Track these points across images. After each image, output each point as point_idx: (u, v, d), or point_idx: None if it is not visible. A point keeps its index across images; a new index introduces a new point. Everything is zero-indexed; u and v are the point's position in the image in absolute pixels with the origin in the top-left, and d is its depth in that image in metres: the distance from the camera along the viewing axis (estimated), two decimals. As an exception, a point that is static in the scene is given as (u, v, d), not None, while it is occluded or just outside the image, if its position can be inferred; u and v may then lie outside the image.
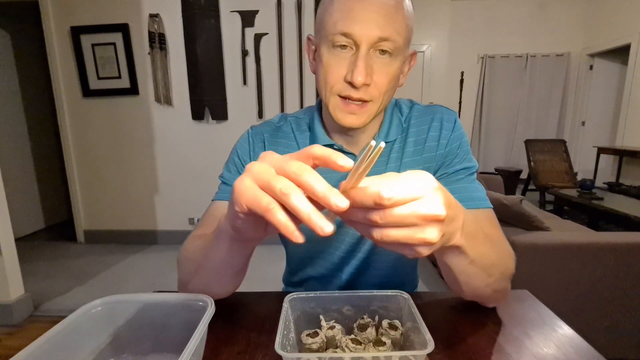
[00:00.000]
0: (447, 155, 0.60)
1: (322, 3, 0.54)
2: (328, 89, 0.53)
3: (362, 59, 0.48)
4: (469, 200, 0.56)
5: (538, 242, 1.32)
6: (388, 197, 0.26)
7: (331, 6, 0.50)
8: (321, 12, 0.53)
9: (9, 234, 1.72)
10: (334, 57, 0.51)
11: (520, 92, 4.75)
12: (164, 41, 2.62)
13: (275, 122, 0.67)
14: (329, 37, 0.50)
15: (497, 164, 4.82)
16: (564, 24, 4.54)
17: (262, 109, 2.69)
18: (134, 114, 2.76)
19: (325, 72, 0.52)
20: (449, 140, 0.60)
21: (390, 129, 0.62)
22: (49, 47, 2.66)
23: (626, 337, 1.36)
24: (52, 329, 0.36)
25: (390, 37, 0.48)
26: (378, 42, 0.48)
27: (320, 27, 0.53)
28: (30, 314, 1.84)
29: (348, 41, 0.49)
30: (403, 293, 0.45)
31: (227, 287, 0.52)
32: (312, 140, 0.63)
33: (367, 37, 0.48)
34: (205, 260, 0.47)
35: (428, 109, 0.64)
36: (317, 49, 0.54)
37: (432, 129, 0.61)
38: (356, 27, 0.48)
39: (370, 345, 0.43)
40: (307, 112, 0.67)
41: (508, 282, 0.51)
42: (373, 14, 0.47)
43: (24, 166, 3.17)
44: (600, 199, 2.64)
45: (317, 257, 0.69)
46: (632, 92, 3.90)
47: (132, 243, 2.90)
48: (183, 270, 0.54)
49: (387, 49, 0.49)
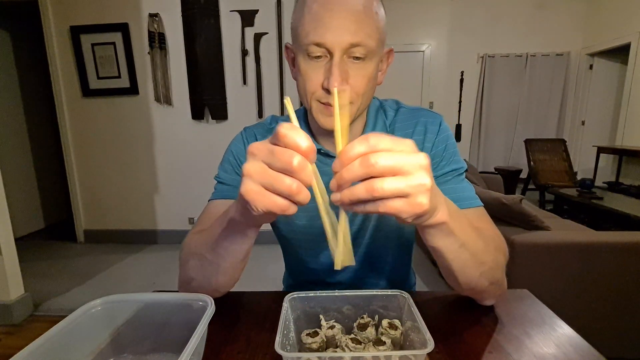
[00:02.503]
0: (433, 158, 0.61)
1: (294, 13, 0.54)
2: (309, 97, 0.54)
3: (336, 66, 0.50)
4: (459, 201, 0.57)
5: (538, 242, 1.32)
6: (374, 140, 0.30)
7: (302, 17, 0.51)
8: (294, 23, 0.53)
9: (9, 234, 1.72)
10: (310, 67, 0.52)
11: (520, 92, 4.75)
12: (164, 41, 2.62)
13: (267, 123, 0.68)
14: (303, 47, 0.51)
15: (497, 163, 4.82)
16: (564, 23, 4.53)
17: (262, 109, 2.69)
18: (133, 113, 2.76)
19: (304, 81, 0.53)
20: (434, 144, 0.62)
21: (375, 131, 0.62)
22: (48, 46, 2.66)
23: (626, 337, 1.36)
24: (52, 329, 0.36)
25: (362, 42, 0.49)
26: (350, 48, 0.49)
27: (295, 37, 0.54)
28: (30, 313, 1.84)
29: (322, 50, 0.50)
30: (403, 292, 0.45)
31: (234, 276, 0.53)
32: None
33: (339, 44, 0.49)
34: (213, 251, 0.48)
35: (413, 112, 0.65)
36: (295, 57, 0.55)
37: (417, 133, 0.62)
38: (327, 35, 0.49)
39: (370, 344, 0.43)
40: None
41: (502, 274, 0.52)
42: (343, 21, 0.48)
43: (24, 166, 3.17)
44: (600, 198, 2.64)
45: (313, 261, 0.69)
46: (632, 92, 3.90)
47: (132, 243, 2.90)
48: (187, 267, 0.54)
49: (359, 55, 0.50)
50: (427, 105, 4.70)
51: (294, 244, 0.69)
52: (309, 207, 0.63)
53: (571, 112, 4.78)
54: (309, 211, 0.64)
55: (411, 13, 4.47)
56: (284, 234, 0.69)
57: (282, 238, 0.71)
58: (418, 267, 2.34)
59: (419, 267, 2.34)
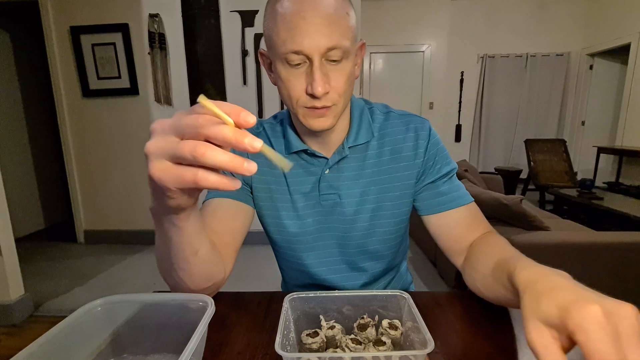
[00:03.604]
0: (427, 163, 0.64)
1: (266, 21, 0.54)
2: (294, 103, 0.55)
3: (317, 71, 0.50)
4: (456, 199, 0.64)
5: (538, 242, 1.32)
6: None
7: (276, 26, 0.51)
8: (268, 31, 0.53)
9: (9, 234, 1.72)
10: (291, 74, 0.53)
11: (520, 92, 4.75)
12: (164, 41, 2.62)
13: (254, 128, 0.68)
14: (281, 55, 0.51)
15: (497, 163, 4.82)
16: (564, 23, 4.54)
17: (262, 109, 2.69)
18: (133, 114, 2.76)
19: (286, 88, 0.54)
20: (426, 149, 0.64)
21: (360, 131, 0.64)
22: (48, 47, 2.66)
23: (626, 336, 1.36)
24: (52, 329, 0.36)
25: (338, 44, 0.50)
26: (327, 52, 0.50)
27: (270, 45, 0.54)
28: (30, 314, 1.84)
29: (300, 57, 0.51)
30: (403, 293, 0.45)
31: (203, 273, 0.49)
32: (287, 147, 0.65)
33: (317, 49, 0.49)
34: (162, 252, 0.45)
35: (402, 118, 0.66)
36: (273, 63, 0.56)
37: (408, 139, 0.64)
38: (305, 42, 0.49)
39: (370, 345, 0.43)
40: (278, 119, 0.70)
41: None
42: (317, 27, 0.49)
43: (24, 166, 3.17)
44: (600, 198, 2.64)
45: (305, 269, 0.69)
46: (632, 92, 3.90)
47: (132, 243, 2.90)
48: (162, 273, 0.51)
49: (336, 58, 0.51)
50: (427, 105, 4.70)
51: (286, 250, 0.69)
52: (299, 215, 0.65)
53: (571, 112, 4.78)
54: (300, 218, 0.66)
55: (411, 13, 4.47)
56: (276, 240, 0.70)
57: (274, 244, 0.72)
58: (418, 267, 2.35)
59: (419, 267, 2.34)
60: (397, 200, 0.65)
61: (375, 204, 0.65)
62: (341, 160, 0.63)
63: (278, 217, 0.67)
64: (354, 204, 0.65)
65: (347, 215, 0.65)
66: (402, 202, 0.66)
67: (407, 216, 0.69)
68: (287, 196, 0.66)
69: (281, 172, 0.65)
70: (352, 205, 0.65)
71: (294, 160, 0.65)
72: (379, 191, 0.65)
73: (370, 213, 0.65)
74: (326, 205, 0.65)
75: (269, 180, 0.66)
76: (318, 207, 0.65)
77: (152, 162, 0.29)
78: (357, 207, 0.65)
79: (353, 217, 0.65)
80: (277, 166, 0.30)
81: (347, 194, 0.64)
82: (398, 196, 0.65)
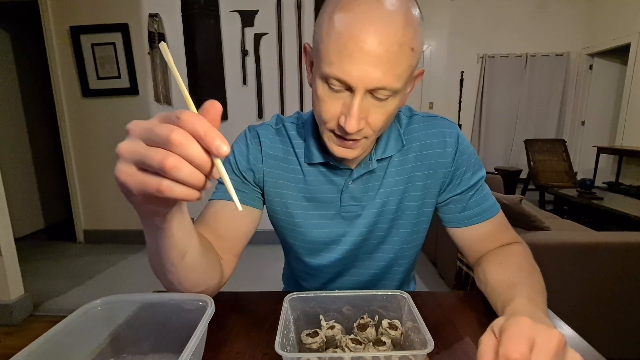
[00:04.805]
0: (456, 170, 0.61)
1: (318, 26, 0.47)
2: (322, 124, 0.51)
3: (356, 106, 0.45)
4: (482, 213, 0.61)
5: (538, 242, 1.32)
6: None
7: (328, 37, 0.44)
8: (318, 34, 0.47)
9: (8, 234, 1.72)
10: (328, 96, 0.48)
11: (520, 92, 4.75)
12: (164, 41, 2.62)
13: (272, 124, 0.65)
14: (323, 74, 0.46)
15: (496, 163, 4.82)
16: (564, 23, 4.54)
17: (262, 109, 2.68)
18: (133, 113, 2.75)
19: (319, 107, 0.49)
20: (454, 157, 0.60)
21: (388, 144, 0.60)
22: (48, 47, 2.66)
23: (626, 337, 1.36)
24: (52, 329, 0.36)
25: (389, 85, 0.44)
26: (375, 90, 0.45)
27: (316, 53, 0.48)
28: (30, 314, 1.84)
29: (343, 85, 0.46)
30: (403, 293, 0.45)
31: (185, 282, 0.46)
32: (307, 155, 0.61)
33: (363, 85, 0.44)
34: (150, 256, 0.43)
35: (428, 121, 0.62)
36: (313, 71, 0.50)
37: (435, 145, 0.60)
38: (352, 74, 0.43)
39: (370, 345, 0.43)
40: (299, 119, 0.65)
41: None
42: (373, 60, 0.42)
43: (24, 166, 3.17)
44: (600, 198, 2.64)
45: (314, 272, 0.69)
46: (631, 92, 3.90)
47: (132, 243, 2.89)
48: (156, 274, 0.49)
49: (383, 98, 0.46)
50: (427, 105, 4.70)
51: (297, 250, 0.67)
52: (316, 223, 0.63)
53: (571, 112, 4.78)
54: (316, 227, 0.63)
55: (411, 13, 4.46)
56: (287, 241, 0.68)
57: (284, 243, 0.71)
58: (418, 267, 2.34)
59: (419, 267, 2.34)
60: (417, 210, 0.62)
61: (394, 214, 0.62)
62: (366, 173, 0.60)
63: (292, 224, 0.64)
64: (374, 214, 0.62)
65: (366, 227, 0.62)
66: (422, 212, 0.63)
67: (427, 225, 0.65)
68: (303, 203, 0.63)
69: (296, 177, 0.62)
70: (372, 216, 0.62)
71: (314, 168, 0.61)
72: (399, 200, 0.61)
73: (388, 223, 0.62)
74: (347, 217, 0.62)
75: (282, 184, 0.62)
76: (337, 218, 0.62)
77: (120, 164, 0.28)
78: (376, 218, 0.62)
79: (371, 227, 0.63)
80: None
81: (370, 204, 0.61)
82: (419, 205, 0.62)
